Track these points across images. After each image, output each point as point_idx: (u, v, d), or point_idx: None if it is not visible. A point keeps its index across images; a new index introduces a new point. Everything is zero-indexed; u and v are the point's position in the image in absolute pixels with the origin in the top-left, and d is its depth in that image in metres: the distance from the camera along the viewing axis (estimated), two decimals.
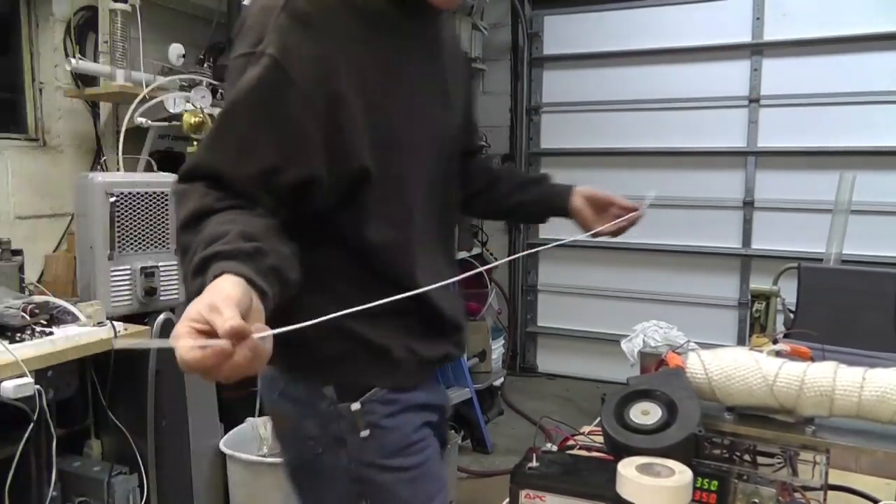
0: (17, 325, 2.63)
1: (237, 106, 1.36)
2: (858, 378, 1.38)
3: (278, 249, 1.24)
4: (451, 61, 1.66)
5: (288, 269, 1.25)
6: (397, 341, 1.56)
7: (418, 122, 1.52)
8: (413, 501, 1.63)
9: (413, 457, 1.62)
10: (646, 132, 6.30)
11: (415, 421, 1.63)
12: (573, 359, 6.82)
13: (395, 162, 1.47)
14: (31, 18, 3.65)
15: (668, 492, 1.16)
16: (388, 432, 1.58)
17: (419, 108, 1.52)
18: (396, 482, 1.61)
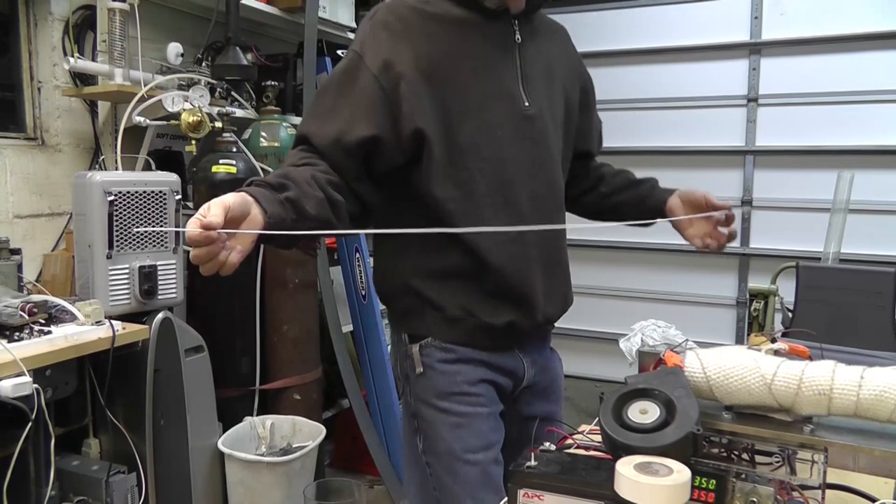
0: (16, 324, 2.63)
1: (327, 85, 1.86)
2: (856, 377, 1.38)
3: (306, 190, 1.62)
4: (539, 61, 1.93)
5: (306, 203, 1.60)
6: (454, 301, 1.87)
7: (488, 98, 1.83)
8: (454, 446, 1.87)
9: (461, 405, 1.87)
10: (643, 131, 6.30)
11: (471, 374, 1.89)
12: (571, 357, 6.77)
13: (457, 130, 1.80)
14: (30, 17, 3.65)
15: (667, 491, 1.16)
16: (440, 375, 1.89)
17: (491, 88, 1.83)
18: (442, 423, 1.88)
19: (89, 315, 2.80)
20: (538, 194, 1.90)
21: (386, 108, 1.76)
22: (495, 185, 1.83)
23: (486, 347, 1.91)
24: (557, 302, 2.02)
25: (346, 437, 4.52)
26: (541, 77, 1.92)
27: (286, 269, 3.85)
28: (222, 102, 3.93)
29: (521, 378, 1.99)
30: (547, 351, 2.13)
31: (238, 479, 3.34)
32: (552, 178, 1.94)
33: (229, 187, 2.34)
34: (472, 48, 1.84)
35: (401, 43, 1.78)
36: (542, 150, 1.91)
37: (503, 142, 1.83)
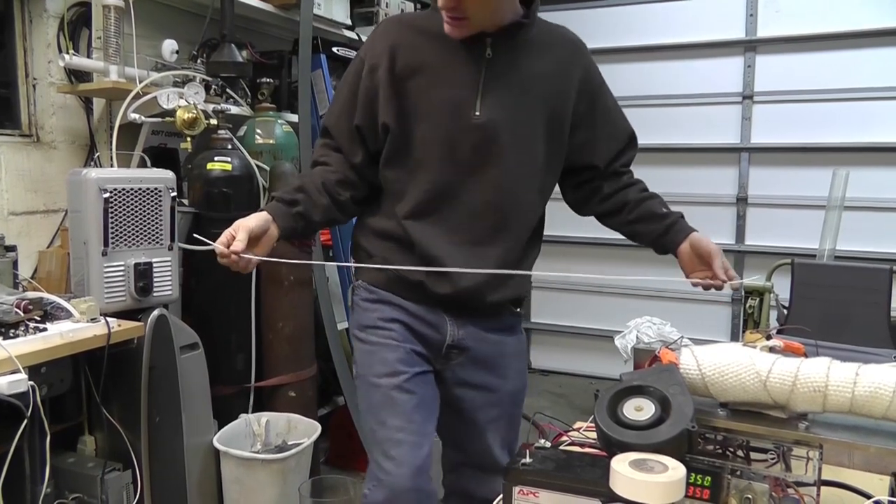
0: (11, 321, 2.62)
1: (341, 84, 2.25)
2: (851, 374, 1.38)
3: (314, 200, 2.13)
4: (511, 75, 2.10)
5: (314, 214, 2.13)
6: (382, 253, 2.19)
7: (438, 104, 2.08)
8: (364, 369, 2.20)
9: (373, 336, 2.18)
10: (639, 128, 6.21)
11: (386, 312, 2.19)
12: (566, 355, 6.83)
13: (410, 126, 2.10)
14: (25, 14, 3.64)
15: (662, 487, 1.16)
16: (361, 311, 2.24)
17: (443, 95, 2.07)
18: (359, 350, 2.24)
19: (84, 312, 2.79)
20: (478, 195, 2.11)
21: (370, 105, 2.13)
22: (435, 177, 2.11)
23: (405, 296, 2.18)
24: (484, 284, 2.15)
25: (341, 434, 4.52)
26: (508, 91, 2.09)
27: (281, 267, 3.84)
28: (217, 99, 3.93)
29: (445, 334, 2.19)
30: (494, 327, 2.28)
31: (233, 477, 3.33)
32: (499, 183, 2.11)
33: (224, 184, 2.94)
34: (440, 60, 2.09)
35: (387, 52, 2.10)
36: (486, 156, 2.09)
37: (448, 144, 2.08)
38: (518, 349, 2.37)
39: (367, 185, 2.24)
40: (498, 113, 2.07)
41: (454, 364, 2.24)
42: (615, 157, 2.35)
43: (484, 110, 2.06)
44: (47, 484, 2.61)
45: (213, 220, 3.51)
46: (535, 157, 2.16)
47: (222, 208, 3.56)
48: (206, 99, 3.68)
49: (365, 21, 5.07)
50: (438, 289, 2.13)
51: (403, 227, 2.14)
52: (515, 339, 2.36)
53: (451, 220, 2.12)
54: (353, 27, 4.93)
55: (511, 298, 2.28)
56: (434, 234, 2.12)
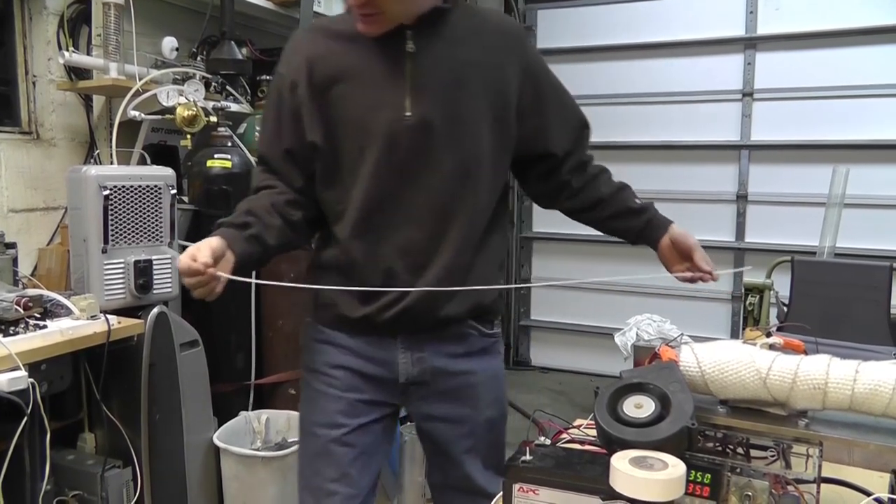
0: (11, 319, 2.62)
1: (267, 106, 2.11)
2: (851, 371, 1.39)
3: (266, 222, 1.91)
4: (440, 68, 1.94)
5: (268, 237, 1.91)
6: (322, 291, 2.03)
7: (365, 111, 1.92)
8: (305, 414, 2.12)
9: (316, 382, 2.07)
10: (639, 126, 6.31)
11: (332, 357, 2.05)
12: (566, 352, 6.83)
13: (338, 140, 1.95)
14: (25, 11, 3.63)
15: (661, 485, 1.16)
16: (308, 352, 2.12)
17: (368, 100, 1.92)
18: (304, 394, 2.13)
19: (84, 309, 2.79)
20: (419, 200, 1.95)
21: (295, 125, 1.98)
22: (371, 190, 1.94)
23: (352, 334, 2.04)
24: (437, 303, 1.98)
25: None
26: (438, 85, 1.94)
27: (281, 264, 3.84)
28: (217, 97, 3.93)
29: (397, 372, 2.03)
30: (458, 353, 2.08)
31: (233, 474, 3.34)
32: (440, 184, 1.95)
33: (224, 182, 2.81)
34: (360, 64, 1.94)
35: (304, 65, 1.97)
36: (423, 158, 1.93)
37: (381, 151, 1.91)
38: (492, 376, 2.15)
39: (317, 206, 2.07)
40: (431, 110, 1.91)
41: (416, 399, 2.09)
42: (574, 146, 2.17)
43: (415, 109, 1.90)
44: (47, 481, 2.61)
45: (213, 218, 3.50)
46: (477, 152, 1.98)
47: (222, 206, 3.56)
48: (205, 96, 3.67)
49: None
50: (384, 314, 1.96)
51: (346, 250, 1.98)
52: (487, 364, 2.13)
53: (393, 231, 1.95)
54: None
55: (470, 310, 2.05)
56: (376, 251, 1.96)
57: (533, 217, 6.87)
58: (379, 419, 2.08)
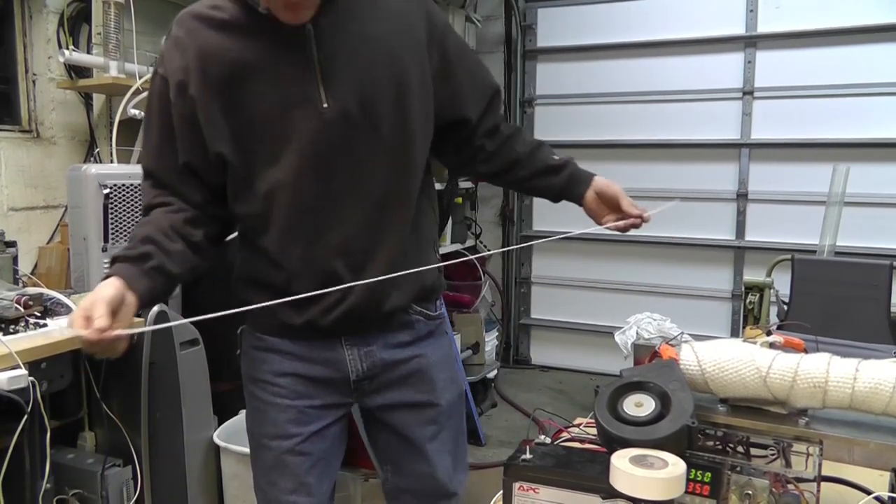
0: (11, 317, 2.62)
1: (147, 114, 1.85)
2: (851, 370, 1.39)
3: (167, 249, 1.72)
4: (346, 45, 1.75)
5: (171, 266, 1.72)
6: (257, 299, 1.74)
7: (279, 109, 1.72)
8: (255, 427, 1.98)
9: (262, 392, 1.94)
10: (639, 124, 6.30)
11: (276, 365, 1.92)
12: (566, 351, 6.83)
13: (252, 147, 1.74)
14: (25, 10, 3.64)
15: (662, 483, 1.16)
16: (249, 361, 1.99)
17: (281, 97, 1.71)
18: (251, 405, 2.01)
19: None
20: (350, 196, 1.79)
21: (190, 134, 1.75)
22: (297, 195, 1.76)
23: (294, 340, 1.90)
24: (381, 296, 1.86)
25: None
26: (350, 66, 1.74)
27: None
28: None
29: (347, 371, 1.92)
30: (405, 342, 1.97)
31: (233, 473, 3.34)
32: (369, 174, 1.79)
33: None
34: (259, 55, 1.71)
35: (191, 61, 1.71)
36: (348, 150, 1.76)
37: (303, 151, 1.73)
38: (443, 356, 2.05)
39: (220, 221, 1.89)
40: (348, 96, 1.72)
41: (369, 392, 1.96)
42: (486, 110, 2.02)
43: (331, 99, 1.71)
44: (47, 480, 2.61)
45: None
46: (406, 133, 1.82)
47: None
48: None
49: None
50: (328, 317, 1.83)
51: (278, 262, 1.82)
52: (437, 345, 2.03)
53: (327, 233, 1.79)
54: None
55: (415, 297, 1.95)
56: (312, 257, 1.80)
57: (533, 216, 6.87)
58: (333, 423, 1.97)
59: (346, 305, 1.82)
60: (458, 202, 6.12)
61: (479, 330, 5.72)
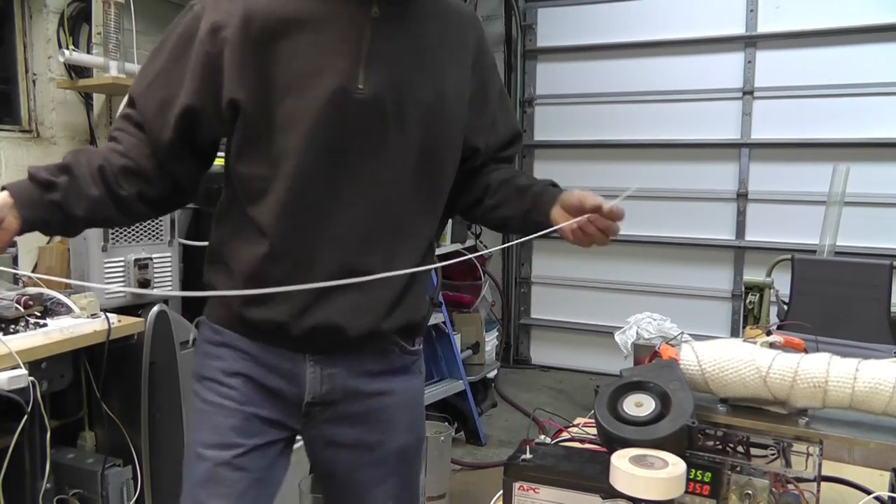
0: (11, 317, 2.62)
1: (164, 41, 1.69)
2: (851, 370, 1.39)
3: (80, 189, 1.59)
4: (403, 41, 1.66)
5: (75, 207, 1.58)
6: (222, 287, 1.69)
7: (312, 74, 1.59)
8: (194, 433, 1.76)
9: (209, 393, 1.73)
10: (639, 124, 6.30)
11: (230, 363, 1.71)
12: (567, 351, 6.83)
13: (275, 105, 1.59)
14: (25, 10, 3.64)
15: (662, 483, 1.16)
16: (202, 355, 1.78)
17: (318, 62, 1.59)
18: (194, 406, 1.78)
19: (84, 308, 2.79)
20: (365, 193, 1.64)
21: (209, 76, 1.60)
22: (307, 170, 1.61)
23: (255, 339, 1.69)
24: (363, 315, 1.66)
25: None
26: (398, 60, 1.65)
27: None
28: None
29: (304, 388, 1.70)
30: (375, 371, 1.76)
31: None
32: (391, 175, 1.65)
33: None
34: (312, 15, 1.60)
35: (240, 11, 1.59)
36: (373, 142, 1.63)
37: (324, 125, 1.59)
38: (410, 398, 1.84)
39: (170, 182, 1.71)
40: (386, 88, 1.62)
41: (318, 422, 1.74)
42: (500, 147, 1.89)
43: (370, 84, 1.59)
44: (47, 479, 2.61)
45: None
46: (437, 145, 1.71)
47: None
48: None
49: None
50: (300, 323, 1.63)
51: (266, 236, 1.63)
52: (407, 383, 1.82)
53: (327, 224, 1.63)
54: None
55: (399, 329, 1.74)
56: (304, 242, 1.63)
57: None
58: (276, 441, 1.74)
59: (320, 315, 1.63)
60: None
61: (479, 330, 5.72)
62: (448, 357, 5.10)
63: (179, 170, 1.71)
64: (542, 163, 6.78)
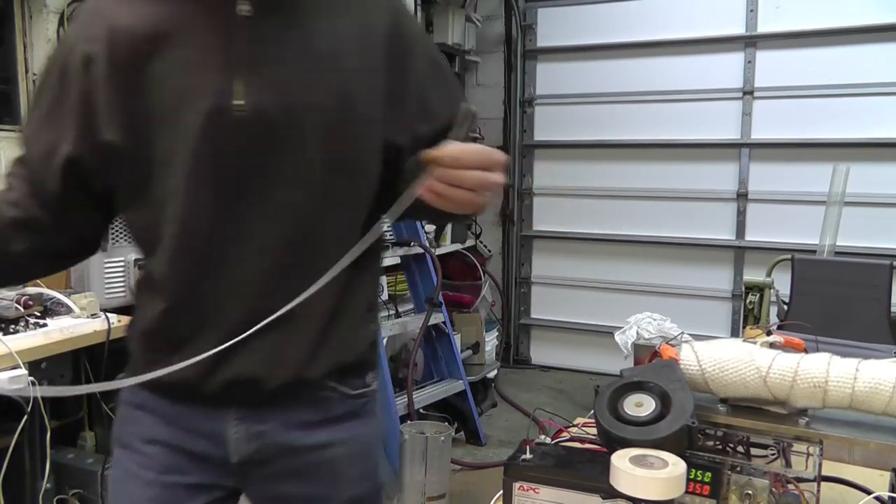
0: (11, 317, 2.63)
1: (42, 79, 1.48)
2: (851, 370, 1.38)
3: None
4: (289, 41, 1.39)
5: None
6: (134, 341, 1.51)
7: (180, 97, 1.35)
8: (110, 499, 1.57)
9: (125, 460, 1.53)
10: (639, 124, 6.30)
11: (147, 429, 1.49)
12: (567, 351, 6.83)
13: (152, 140, 1.36)
14: (25, 10, 3.63)
15: (662, 483, 1.16)
16: (120, 418, 1.56)
17: (184, 82, 1.35)
18: (112, 473, 1.59)
19: (85, 308, 2.79)
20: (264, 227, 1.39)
21: (87, 120, 1.38)
22: (188, 209, 1.38)
23: (173, 398, 1.46)
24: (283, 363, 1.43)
25: None
26: (284, 64, 1.38)
27: None
28: None
29: (227, 449, 1.47)
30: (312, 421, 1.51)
31: None
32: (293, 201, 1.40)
33: None
34: (178, 24, 1.36)
35: (105, 35, 1.36)
36: (265, 166, 1.38)
37: (204, 155, 1.35)
38: (361, 446, 1.58)
39: (69, 235, 1.51)
40: (271, 98, 1.36)
41: (257, 479, 1.52)
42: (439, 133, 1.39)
43: (250, 97, 1.34)
44: (47, 479, 2.62)
45: None
46: (338, 155, 1.40)
47: None
48: None
49: None
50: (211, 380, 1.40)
51: (162, 291, 1.44)
52: (355, 431, 1.55)
53: (226, 269, 1.40)
54: None
55: (328, 373, 1.48)
56: (203, 294, 1.41)
57: (533, 215, 6.87)
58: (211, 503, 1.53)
59: (234, 368, 1.39)
60: None
61: (480, 330, 5.73)
62: (448, 357, 5.11)
63: (78, 221, 1.50)
64: (542, 163, 6.78)
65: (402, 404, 4.51)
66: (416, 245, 4.96)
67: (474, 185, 1.26)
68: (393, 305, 5.34)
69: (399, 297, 5.48)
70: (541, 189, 6.77)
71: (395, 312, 5.28)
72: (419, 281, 5.10)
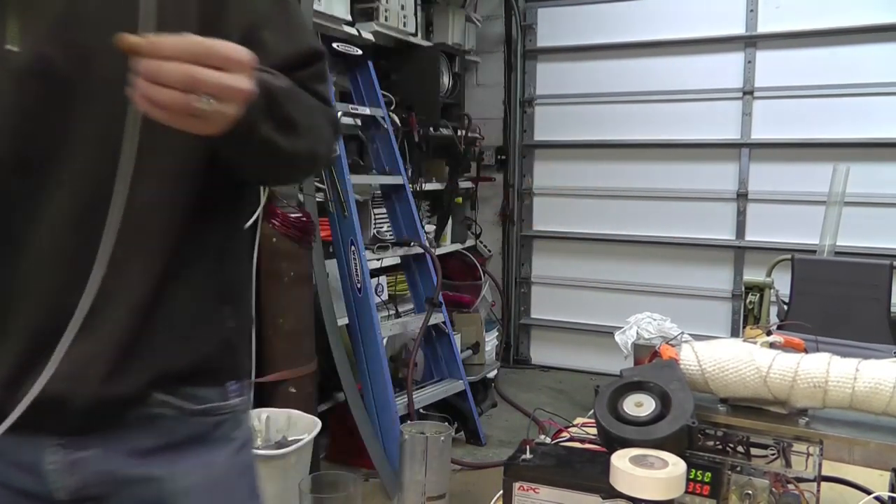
0: None
1: None
2: (852, 370, 1.38)
3: None
4: None
5: None
6: None
7: None
8: None
9: None
10: (639, 124, 6.30)
11: None
12: (566, 351, 6.83)
13: None
14: None
15: (662, 483, 1.16)
16: None
17: None
18: None
19: None
20: (61, 198, 1.12)
21: None
22: None
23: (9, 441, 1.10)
24: (97, 374, 1.14)
25: (341, 430, 4.52)
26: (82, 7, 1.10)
27: (281, 263, 3.84)
28: None
29: (47, 484, 1.19)
30: (152, 447, 1.22)
31: None
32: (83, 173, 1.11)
33: None
34: None
35: None
36: (50, 124, 1.11)
37: None
38: (217, 479, 1.28)
39: None
40: (50, 39, 1.09)
41: None
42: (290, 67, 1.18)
43: (24, 41, 1.08)
44: None
45: None
46: None
47: None
48: None
49: (365, 17, 5.07)
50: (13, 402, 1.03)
51: None
52: (202, 459, 1.25)
53: (17, 256, 1.13)
54: (353, 23, 4.92)
55: (154, 382, 1.19)
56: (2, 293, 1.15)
57: (533, 215, 6.87)
58: None
59: (37, 385, 1.02)
60: (458, 202, 6.13)
61: (480, 330, 5.73)
62: (448, 357, 5.11)
63: None
64: (542, 163, 6.78)
65: (402, 404, 4.50)
66: (416, 245, 4.97)
67: (180, 83, 0.90)
68: (393, 305, 5.34)
69: (399, 297, 5.48)
70: (541, 189, 6.77)
71: (395, 312, 5.29)
72: (419, 281, 5.11)
